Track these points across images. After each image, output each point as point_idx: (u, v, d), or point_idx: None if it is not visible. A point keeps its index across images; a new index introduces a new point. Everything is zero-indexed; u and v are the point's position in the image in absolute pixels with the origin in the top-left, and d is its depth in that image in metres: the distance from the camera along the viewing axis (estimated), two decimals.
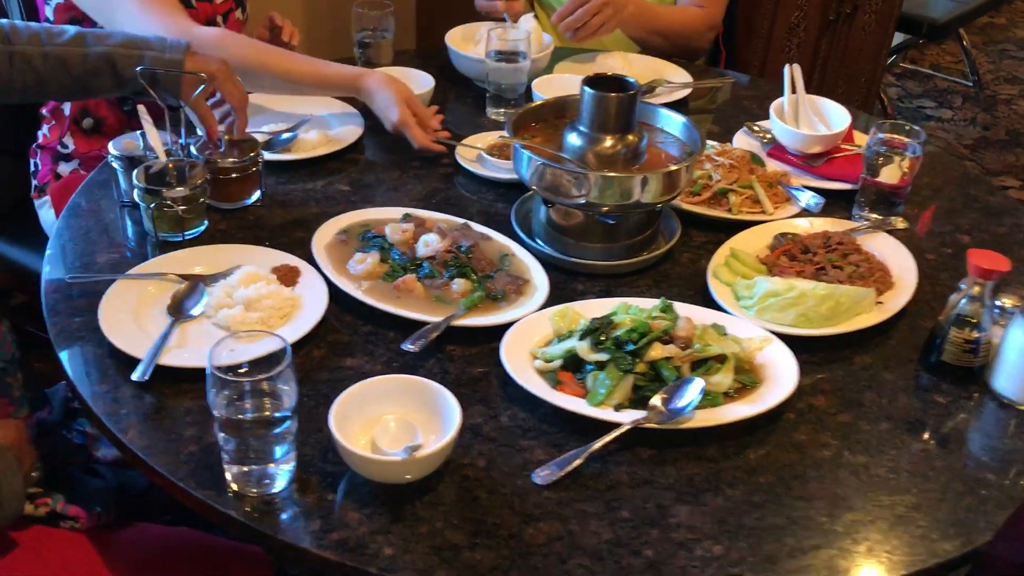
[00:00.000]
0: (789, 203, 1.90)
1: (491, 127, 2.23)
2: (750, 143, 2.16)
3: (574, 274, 1.59)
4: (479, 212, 1.84)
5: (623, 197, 1.51)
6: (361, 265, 1.52)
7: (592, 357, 1.40)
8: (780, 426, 1.34)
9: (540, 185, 1.54)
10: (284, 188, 1.90)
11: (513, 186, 1.86)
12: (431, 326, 1.40)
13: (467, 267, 1.51)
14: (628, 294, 1.62)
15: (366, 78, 1.81)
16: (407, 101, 1.80)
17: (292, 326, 1.40)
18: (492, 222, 1.77)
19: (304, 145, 2.00)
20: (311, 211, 1.82)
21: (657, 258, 1.71)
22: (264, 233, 1.75)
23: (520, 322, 1.40)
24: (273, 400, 1.21)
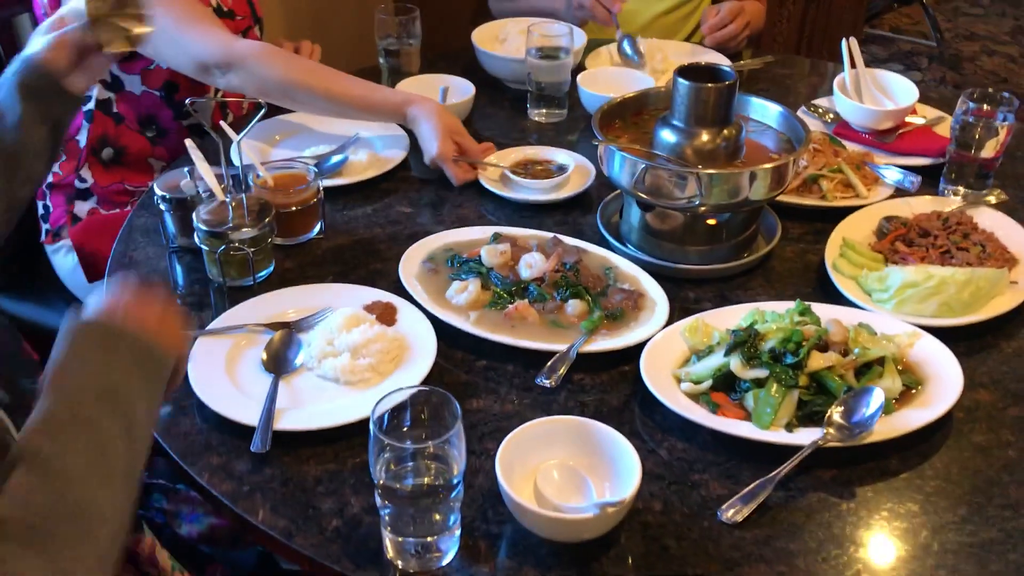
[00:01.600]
0: (878, 184, 1.81)
1: (535, 130, 2.11)
2: (813, 124, 2.05)
3: (680, 281, 1.50)
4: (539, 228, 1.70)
5: (731, 195, 1.42)
6: (463, 294, 1.42)
7: (749, 374, 1.29)
8: (954, 428, 1.25)
9: (641, 188, 1.44)
10: (343, 216, 1.76)
11: (543, 208, 1.74)
12: (559, 356, 1.32)
13: (579, 286, 1.42)
14: (745, 298, 1.54)
15: (412, 105, 1.70)
16: (452, 134, 1.69)
17: (407, 370, 1.30)
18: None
19: (355, 168, 1.86)
20: (378, 238, 1.69)
21: (763, 256, 1.62)
22: (337, 268, 1.62)
23: (652, 341, 1.32)
24: (439, 464, 1.07)
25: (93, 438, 0.78)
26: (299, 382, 1.30)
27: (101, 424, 0.80)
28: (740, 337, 1.33)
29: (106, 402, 0.82)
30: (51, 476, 0.74)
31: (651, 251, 1.54)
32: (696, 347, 1.32)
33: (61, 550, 0.69)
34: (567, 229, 1.70)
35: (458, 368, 1.35)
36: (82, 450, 0.76)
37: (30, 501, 0.71)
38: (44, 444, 0.75)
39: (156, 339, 0.91)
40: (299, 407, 1.25)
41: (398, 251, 1.59)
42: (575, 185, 1.77)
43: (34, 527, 0.69)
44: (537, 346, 1.33)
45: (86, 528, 0.72)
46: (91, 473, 0.76)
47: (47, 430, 0.77)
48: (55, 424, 0.77)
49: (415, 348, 1.34)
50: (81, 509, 0.73)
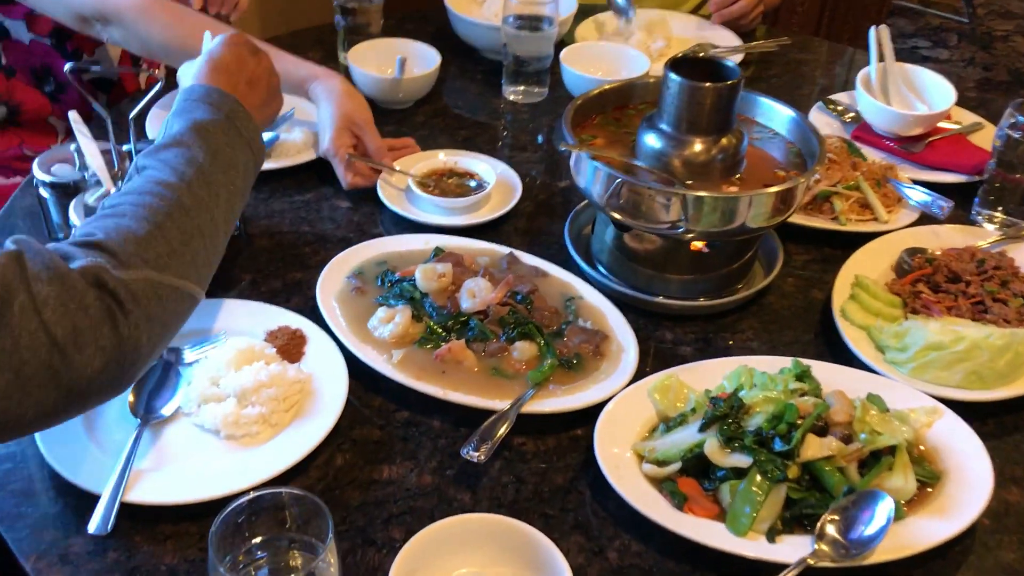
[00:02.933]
0: (901, 205, 1.54)
1: (508, 110, 1.85)
2: (829, 123, 1.78)
3: (657, 317, 1.35)
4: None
5: (723, 221, 1.23)
6: (388, 326, 1.25)
7: (728, 461, 1.05)
8: (977, 540, 1.03)
9: (615, 205, 1.25)
10: (267, 209, 1.52)
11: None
12: (496, 418, 1.13)
13: (530, 324, 1.25)
14: (733, 343, 1.32)
15: (315, 82, 1.49)
16: (351, 125, 1.48)
17: (306, 422, 1.12)
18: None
19: (287, 149, 1.61)
20: (305, 238, 1.47)
21: (758, 291, 1.39)
22: (249, 276, 1.39)
23: (613, 402, 1.14)
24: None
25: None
26: (171, 432, 1.11)
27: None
28: (720, 409, 1.09)
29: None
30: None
31: (625, 277, 1.37)
32: (666, 413, 1.14)
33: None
34: (528, 240, 1.48)
35: (373, 420, 1.17)
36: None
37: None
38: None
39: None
40: (165, 467, 1.07)
41: (325, 257, 1.38)
42: (495, 206, 1.51)
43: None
44: (470, 401, 1.15)
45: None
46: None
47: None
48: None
49: (321, 392, 1.16)
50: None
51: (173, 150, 1.05)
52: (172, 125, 1.10)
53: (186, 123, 1.09)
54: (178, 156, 1.05)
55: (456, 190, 1.52)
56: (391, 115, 1.79)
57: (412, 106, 1.82)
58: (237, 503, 0.82)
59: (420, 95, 1.82)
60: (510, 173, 1.58)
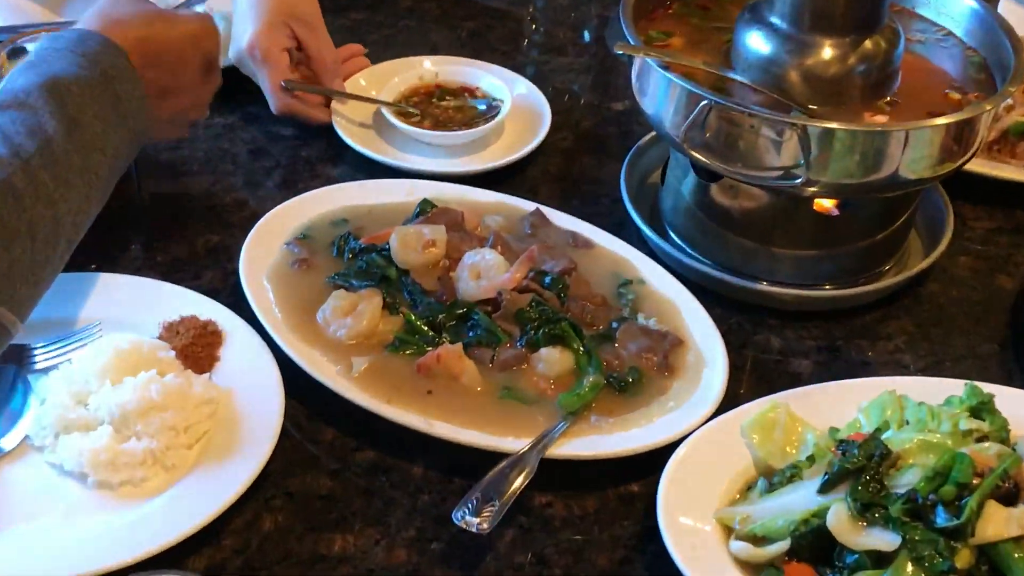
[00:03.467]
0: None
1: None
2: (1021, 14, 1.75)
3: (758, 312, 1.36)
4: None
5: (866, 169, 1.24)
6: (347, 320, 1.26)
7: (863, 541, 1.03)
8: None
9: (700, 142, 1.27)
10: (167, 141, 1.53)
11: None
12: (508, 464, 1.14)
13: (563, 320, 1.26)
14: (875, 354, 1.32)
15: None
16: (289, 20, 1.51)
17: (219, 466, 1.13)
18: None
19: None
20: (229, 185, 1.48)
21: (916, 276, 1.39)
22: (137, 239, 1.41)
23: (687, 446, 1.15)
24: None
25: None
26: (14, 474, 1.13)
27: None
28: (853, 459, 1.07)
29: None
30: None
31: (711, 251, 1.39)
32: (769, 463, 1.15)
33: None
34: (563, 192, 1.49)
35: (321, 463, 1.19)
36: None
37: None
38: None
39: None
40: (3, 529, 1.07)
41: (254, 213, 1.40)
42: (513, 142, 1.52)
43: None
44: (468, 438, 1.17)
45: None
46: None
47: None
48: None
49: (244, 419, 1.17)
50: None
51: (10, 113, 1.04)
52: (18, 77, 1.08)
53: (37, 76, 1.07)
54: (15, 121, 1.03)
55: (454, 118, 1.53)
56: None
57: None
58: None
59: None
60: (534, 92, 1.59)
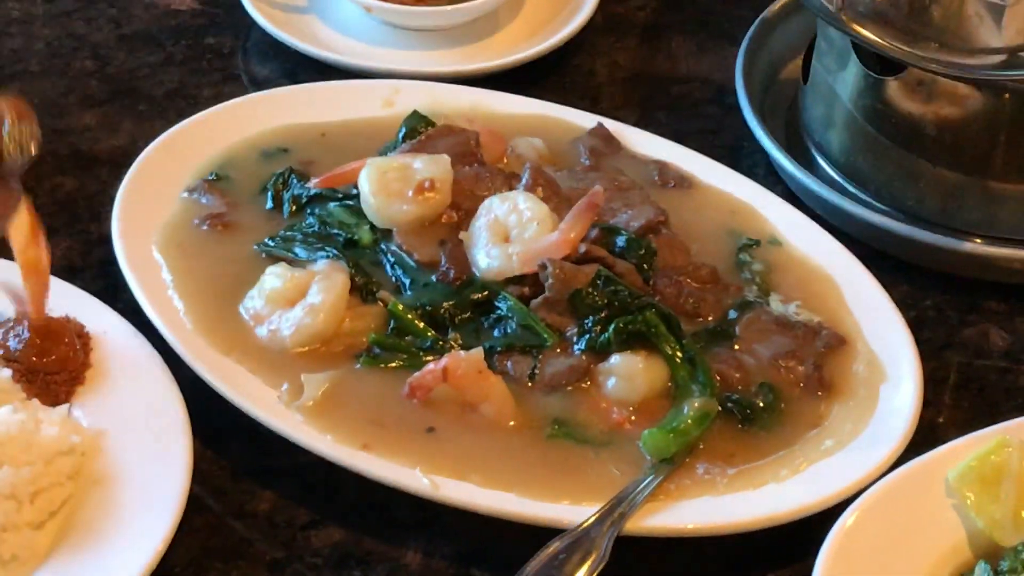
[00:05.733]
0: None
1: None
2: None
3: (971, 286, 1.40)
4: None
5: None
6: (293, 312, 1.29)
7: None
8: None
9: (864, 9, 1.31)
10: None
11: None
12: (562, 545, 1.15)
13: (648, 308, 1.28)
14: None
15: None
16: None
17: (84, 562, 1.14)
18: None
19: None
20: (91, 96, 1.52)
21: None
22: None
23: (856, 510, 1.16)
24: None
25: None
26: None
27: None
28: None
29: None
30: None
31: (892, 190, 1.42)
32: (992, 535, 1.16)
33: None
34: (642, 99, 1.52)
35: (254, 550, 1.21)
36: None
37: None
38: None
39: None
40: None
41: (138, 140, 1.43)
42: (545, 19, 1.56)
43: None
44: (499, 505, 1.18)
45: None
46: None
47: None
48: None
49: (129, 480, 1.20)
50: None
51: None
52: None
53: None
54: None
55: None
56: None
57: None
58: None
59: None
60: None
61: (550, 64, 1.50)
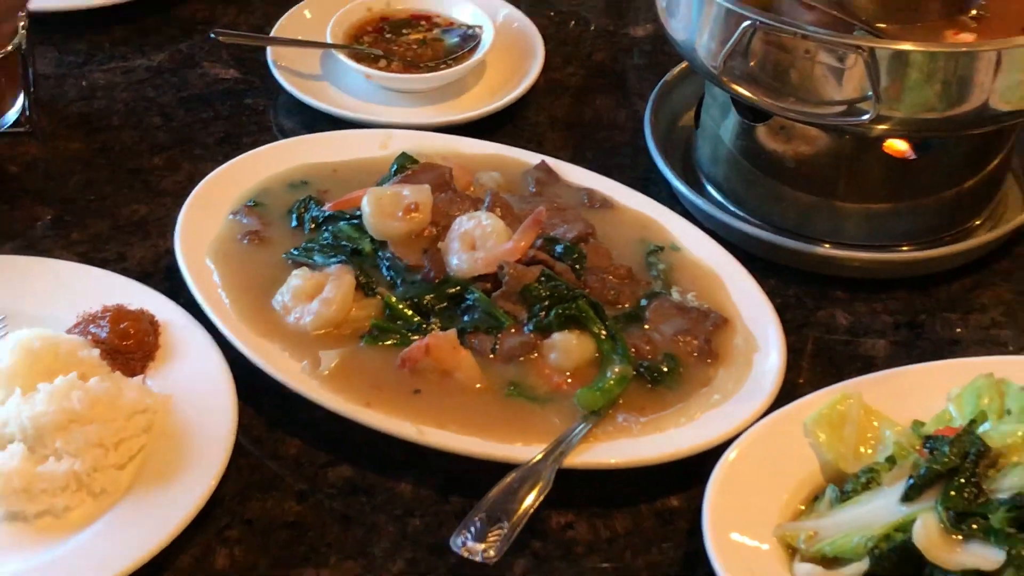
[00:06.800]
0: None
1: None
2: None
3: (822, 281, 1.39)
4: None
5: (948, 99, 1.27)
6: (312, 305, 1.28)
7: (959, 559, 1.05)
8: None
9: (739, 72, 1.29)
10: (80, 82, 1.56)
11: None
12: (515, 478, 1.16)
13: (581, 298, 1.28)
14: (965, 331, 1.35)
15: None
16: None
17: (160, 489, 1.14)
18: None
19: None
20: (157, 143, 1.50)
21: (1010, 233, 1.41)
22: (46, 212, 1.42)
23: (738, 448, 1.17)
24: None
25: None
26: None
27: None
28: (943, 459, 1.08)
29: None
30: None
31: (762, 210, 1.41)
32: (839, 466, 1.17)
33: None
34: (575, 141, 1.51)
35: (285, 484, 1.21)
36: None
37: None
38: None
39: None
40: None
41: (193, 176, 1.41)
42: (502, 81, 1.55)
43: None
44: (467, 447, 1.19)
45: None
46: None
47: None
48: None
49: (188, 430, 1.19)
50: None
51: None
52: None
53: None
54: None
55: (424, 54, 1.55)
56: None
57: None
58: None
59: None
60: (520, 18, 1.60)
61: (505, 116, 1.49)
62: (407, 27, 1.57)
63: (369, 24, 1.55)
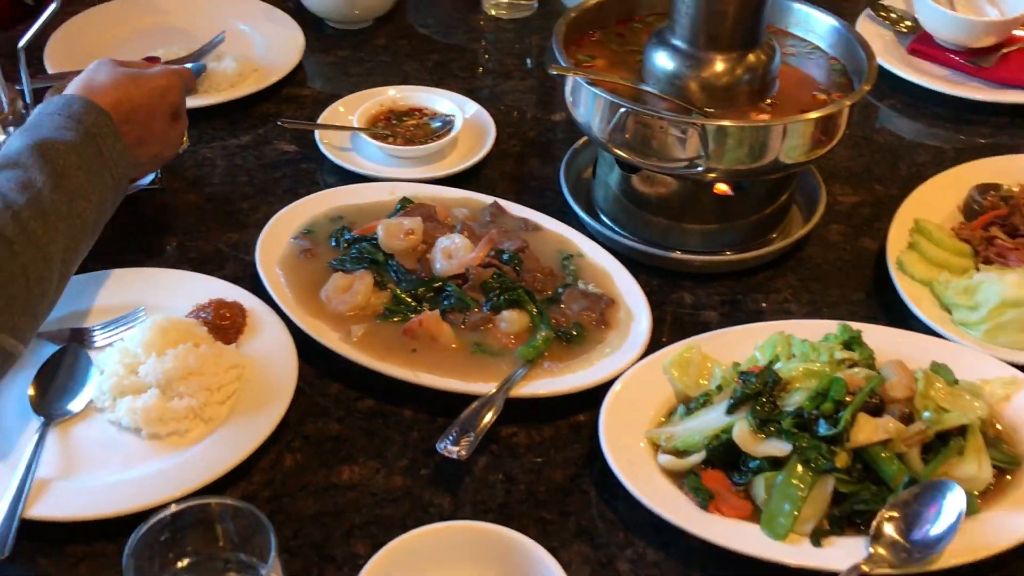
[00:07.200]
0: None
1: (489, 29, 1.83)
2: (881, 35, 1.77)
3: (674, 276, 1.35)
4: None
5: (752, 157, 1.23)
6: (345, 296, 1.24)
7: (762, 449, 1.04)
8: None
9: (621, 142, 1.25)
10: (194, 156, 1.51)
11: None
12: (478, 404, 1.13)
13: (519, 288, 1.24)
14: (768, 305, 1.32)
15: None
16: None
17: (247, 417, 1.11)
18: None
19: (218, 81, 1.59)
20: (242, 192, 1.46)
21: (796, 242, 1.38)
22: (173, 241, 1.38)
23: (621, 382, 1.14)
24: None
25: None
26: (82, 432, 1.10)
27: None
28: (752, 386, 1.08)
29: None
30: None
31: (635, 229, 1.37)
32: (686, 392, 1.14)
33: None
34: (517, 188, 1.47)
35: (329, 411, 1.17)
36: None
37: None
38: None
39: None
40: (76, 475, 1.06)
41: (267, 214, 1.36)
42: (468, 150, 1.50)
43: None
44: (447, 385, 1.15)
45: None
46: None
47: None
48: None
49: (265, 379, 1.15)
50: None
51: (5, 172, 1.02)
52: (13, 142, 1.06)
53: (29, 139, 1.06)
54: (10, 179, 1.01)
55: (417, 135, 1.50)
56: (347, 37, 1.78)
57: (371, 25, 1.81)
58: (157, 517, 0.79)
59: (381, 11, 1.80)
60: (481, 111, 1.56)
61: (472, 173, 1.46)
62: (407, 116, 1.53)
63: (382, 114, 1.51)
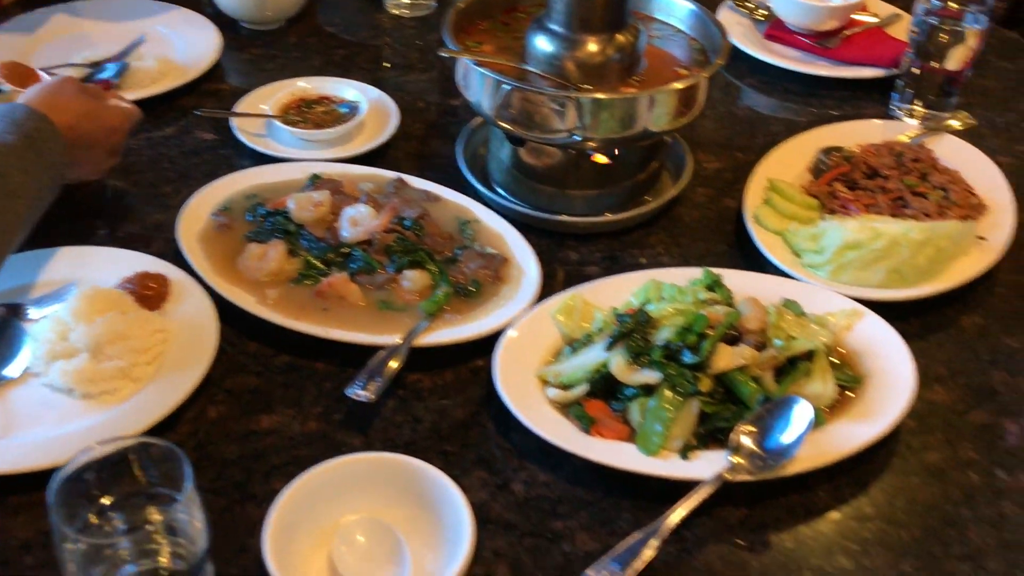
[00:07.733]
0: None
1: (391, 27, 1.82)
2: (740, 22, 1.80)
3: (561, 237, 1.35)
4: None
5: (623, 126, 1.23)
6: (260, 263, 1.22)
7: (635, 379, 1.06)
8: (900, 442, 1.06)
9: (507, 117, 1.25)
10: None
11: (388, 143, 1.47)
12: (385, 353, 1.12)
13: (420, 250, 1.24)
14: (643, 259, 1.33)
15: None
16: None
17: (172, 375, 1.09)
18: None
19: (139, 78, 1.57)
20: (166, 178, 1.43)
21: (666, 204, 1.39)
22: (103, 224, 1.35)
23: (513, 328, 1.14)
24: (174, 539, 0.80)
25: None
26: (19, 395, 1.08)
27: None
28: (626, 325, 1.10)
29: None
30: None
31: (525, 197, 1.37)
32: (572, 335, 1.15)
33: None
34: (419, 165, 1.46)
35: (249, 367, 1.16)
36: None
37: None
38: None
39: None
40: (14, 433, 1.04)
41: (188, 195, 1.34)
42: (373, 134, 1.49)
43: None
44: (356, 338, 1.13)
45: None
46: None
47: None
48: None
49: (189, 341, 1.13)
50: None
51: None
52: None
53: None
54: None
55: (325, 120, 1.48)
56: (260, 36, 1.76)
57: (283, 25, 1.79)
58: (75, 460, 0.78)
59: (291, 12, 1.78)
60: (384, 97, 1.55)
61: (378, 153, 1.44)
62: (316, 104, 1.51)
63: (293, 103, 1.49)
